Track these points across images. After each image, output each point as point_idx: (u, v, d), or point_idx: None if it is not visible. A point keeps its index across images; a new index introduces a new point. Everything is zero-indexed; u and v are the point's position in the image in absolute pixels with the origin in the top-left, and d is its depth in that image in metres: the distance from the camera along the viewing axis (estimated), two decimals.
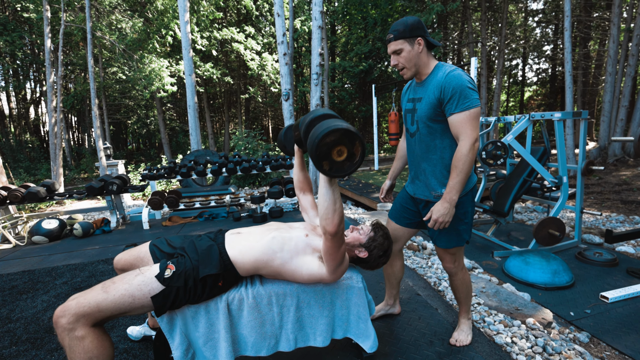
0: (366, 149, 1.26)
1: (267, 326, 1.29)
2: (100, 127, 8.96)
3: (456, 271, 1.56)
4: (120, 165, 7.22)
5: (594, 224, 4.15)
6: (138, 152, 18.31)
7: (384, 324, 1.78)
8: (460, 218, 1.43)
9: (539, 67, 17.64)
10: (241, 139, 8.58)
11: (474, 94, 1.28)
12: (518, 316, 1.97)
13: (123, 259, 1.38)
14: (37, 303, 2.18)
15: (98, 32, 9.71)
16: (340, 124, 1.01)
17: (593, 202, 5.21)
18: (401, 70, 1.39)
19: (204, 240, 1.30)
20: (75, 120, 17.64)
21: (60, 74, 9.12)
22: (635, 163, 7.06)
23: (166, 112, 16.75)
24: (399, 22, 1.33)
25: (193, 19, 10.36)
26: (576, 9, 9.61)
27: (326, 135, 0.99)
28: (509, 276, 2.70)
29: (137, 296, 1.09)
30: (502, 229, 3.92)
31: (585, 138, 3.16)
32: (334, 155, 1.02)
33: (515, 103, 21.27)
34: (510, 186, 3.42)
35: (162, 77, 10.16)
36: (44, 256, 3.20)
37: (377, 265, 1.42)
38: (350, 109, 14.72)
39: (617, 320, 2.02)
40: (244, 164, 4.50)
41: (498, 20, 12.76)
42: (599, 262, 2.83)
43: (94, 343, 1.04)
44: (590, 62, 11.13)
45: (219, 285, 1.20)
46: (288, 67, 5.72)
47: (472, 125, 1.28)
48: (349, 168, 1.04)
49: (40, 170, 12.45)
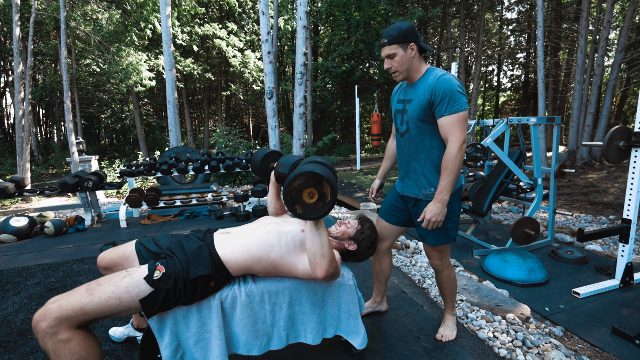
0: (336, 189, 1.28)
1: (260, 324, 1.27)
2: (72, 121, 8.49)
3: (442, 268, 1.61)
4: (93, 161, 6.89)
5: (565, 223, 4.39)
6: (111, 148, 17.52)
7: (372, 321, 1.80)
8: (448, 217, 1.48)
9: (513, 73, 18.50)
10: (222, 136, 8.41)
11: (463, 98, 1.34)
12: (499, 312, 2.05)
13: (107, 257, 1.32)
14: (8, 305, 2.06)
15: (72, 22, 9.21)
16: (305, 167, 1.03)
17: (564, 203, 5.52)
18: (394, 73, 1.43)
19: (193, 241, 1.27)
20: (44, 113, 16.63)
21: (29, 64, 8.57)
22: (600, 166, 7.56)
23: (142, 107, 16.11)
24: (393, 27, 1.37)
25: (174, 13, 10.07)
26: (547, 19, 10.15)
27: (293, 180, 1.01)
28: (488, 274, 2.80)
29: (125, 299, 1.04)
30: (481, 228, 4.07)
31: (558, 142, 3.34)
32: (305, 197, 1.04)
33: (490, 107, 22.19)
34: (489, 187, 3.56)
35: (140, 72, 9.79)
36: (12, 255, 3.03)
37: (365, 257, 1.45)
38: (333, 108, 14.80)
39: (588, 315, 2.15)
40: (227, 162, 4.41)
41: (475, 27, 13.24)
42: (570, 260, 2.99)
43: (81, 344, 0.99)
44: (560, 70, 11.80)
45: (211, 285, 1.18)
46: (272, 66, 5.66)
47: (460, 127, 1.33)
48: (322, 209, 1.05)
49: (4, 165, 11.69)
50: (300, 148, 6.07)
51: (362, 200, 4.96)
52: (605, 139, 2.30)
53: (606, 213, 4.78)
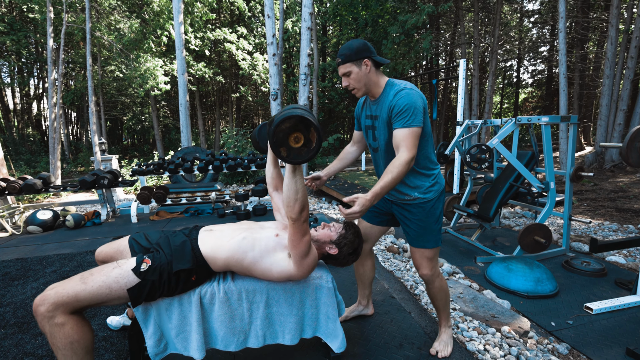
0: (322, 138, 1.41)
1: (237, 321, 1.30)
2: (96, 123, 9.02)
3: (433, 279, 1.54)
4: (114, 160, 7.22)
5: (585, 231, 4.08)
6: (132, 148, 18.33)
7: (356, 325, 1.75)
8: (434, 219, 1.47)
9: (535, 68, 17.60)
10: (231, 137, 8.55)
11: (419, 115, 1.31)
12: (493, 323, 1.91)
13: (104, 251, 1.42)
14: (27, 289, 2.26)
15: (97, 32, 9.86)
16: (296, 112, 1.00)
17: (586, 209, 5.14)
18: (352, 90, 1.45)
19: (179, 237, 1.34)
20: (75, 116, 17.70)
21: (60, 71, 9.26)
22: (633, 169, 6.96)
23: (160, 109, 16.73)
24: (345, 47, 1.40)
25: (187, 20, 10.46)
26: (573, 9, 9.56)
27: (282, 122, 1.00)
28: (491, 282, 2.63)
29: (114, 288, 1.13)
30: (488, 234, 3.86)
31: (574, 143, 3.10)
32: (291, 141, 1.03)
33: (509, 105, 21.25)
34: (496, 191, 3.36)
35: (156, 76, 10.26)
36: (37, 245, 3.30)
37: (347, 263, 1.44)
38: (340, 108, 14.71)
39: (600, 333, 1.95)
40: (229, 162, 4.47)
41: (491, 21, 12.71)
42: (586, 272, 2.76)
43: (74, 329, 1.08)
44: (587, 64, 11.08)
45: (192, 280, 1.24)
46: (277, 68, 5.67)
47: (412, 142, 1.31)
48: (306, 154, 1.05)
49: (39, 163, 12.67)
50: None
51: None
52: (626, 140, 2.10)
53: (635, 221, 4.37)
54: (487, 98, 11.06)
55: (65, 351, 1.07)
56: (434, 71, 8.44)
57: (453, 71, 12.06)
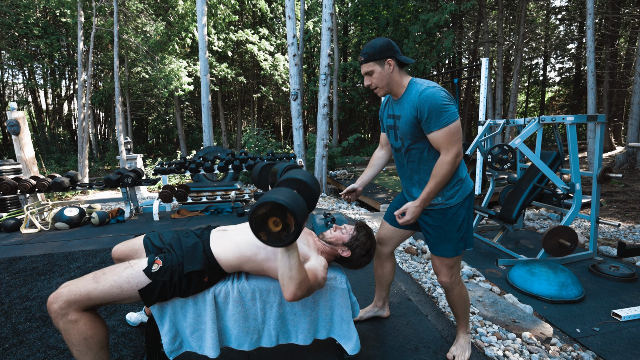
0: (303, 220, 1.07)
1: (250, 320, 1.30)
2: (123, 123, 9.40)
3: (453, 286, 1.50)
4: (139, 159, 7.48)
5: (614, 234, 3.90)
6: (157, 147, 18.93)
7: (371, 327, 1.74)
8: (455, 227, 1.41)
9: (562, 66, 16.80)
10: (252, 136, 8.71)
11: (449, 109, 1.28)
12: (514, 329, 1.88)
13: (120, 249, 1.44)
14: (53, 284, 2.32)
15: (125, 34, 10.20)
16: (271, 197, 1.02)
17: (616, 212, 4.91)
18: (375, 89, 1.43)
19: (191, 237, 1.34)
20: (103, 116, 18.51)
21: (90, 73, 9.70)
22: None
23: (184, 109, 17.23)
24: (369, 45, 1.37)
25: (210, 22, 10.69)
26: (603, 5, 9.08)
27: (258, 208, 1.01)
28: (513, 286, 2.57)
29: (125, 288, 1.14)
30: (511, 236, 3.76)
31: (601, 143, 2.98)
32: (271, 225, 1.03)
33: (535, 104, 20.40)
34: (520, 192, 3.28)
35: (180, 77, 10.54)
36: (63, 241, 3.39)
37: (360, 265, 1.42)
38: (361, 108, 14.64)
39: (629, 341, 1.88)
40: (249, 161, 4.55)
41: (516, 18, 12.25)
42: (614, 277, 2.65)
43: (87, 325, 1.10)
44: (618, 61, 10.48)
45: (205, 281, 1.24)
46: (297, 68, 5.74)
47: (452, 139, 1.29)
48: (286, 238, 1.04)
49: (69, 161, 13.19)
50: (323, 148, 6.07)
51: (384, 201, 4.84)
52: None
53: None
54: (512, 97, 10.69)
55: (80, 347, 1.10)
56: (456, 70, 8.26)
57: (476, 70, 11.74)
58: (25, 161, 4.97)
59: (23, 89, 16.15)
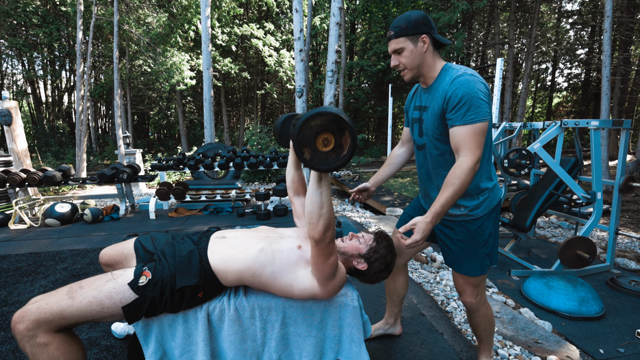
0: (356, 145, 0.96)
1: (249, 342, 1.16)
2: (122, 117, 9.22)
3: (478, 307, 1.33)
4: (137, 154, 7.33)
5: (629, 246, 3.74)
6: (158, 142, 18.79)
7: (382, 346, 1.59)
8: (482, 243, 1.24)
9: (571, 71, 16.64)
10: (254, 134, 8.55)
11: (484, 105, 1.07)
12: (537, 351, 1.72)
13: (108, 254, 1.29)
14: (35, 287, 2.16)
15: (125, 25, 9.99)
16: (331, 109, 0.85)
17: (628, 222, 4.75)
18: (402, 71, 1.21)
19: (186, 244, 1.18)
20: (104, 109, 18.33)
21: (89, 64, 9.47)
22: None
23: (186, 104, 17.06)
24: (401, 18, 1.15)
25: (214, 14, 10.48)
26: (617, 10, 8.90)
27: (312, 118, 0.84)
28: (528, 299, 2.42)
29: (107, 305, 0.98)
30: (522, 245, 3.61)
31: (625, 150, 2.82)
32: (319, 143, 0.88)
33: (542, 109, 20.23)
34: (534, 199, 3.12)
35: (182, 71, 10.35)
36: (52, 239, 3.24)
37: (377, 280, 1.26)
38: (366, 108, 14.48)
39: None
40: (251, 160, 4.40)
41: (528, 21, 12.07)
42: (635, 292, 2.50)
43: (60, 349, 0.93)
44: (631, 67, 10.30)
45: (199, 296, 1.09)
46: (303, 64, 5.58)
47: (476, 141, 1.07)
48: (333, 161, 0.89)
49: (67, 155, 13.00)
50: None
51: (389, 204, 4.69)
52: None
53: None
54: (521, 101, 10.53)
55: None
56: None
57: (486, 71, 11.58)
58: (17, 153, 4.80)
59: (22, 79, 15.95)
